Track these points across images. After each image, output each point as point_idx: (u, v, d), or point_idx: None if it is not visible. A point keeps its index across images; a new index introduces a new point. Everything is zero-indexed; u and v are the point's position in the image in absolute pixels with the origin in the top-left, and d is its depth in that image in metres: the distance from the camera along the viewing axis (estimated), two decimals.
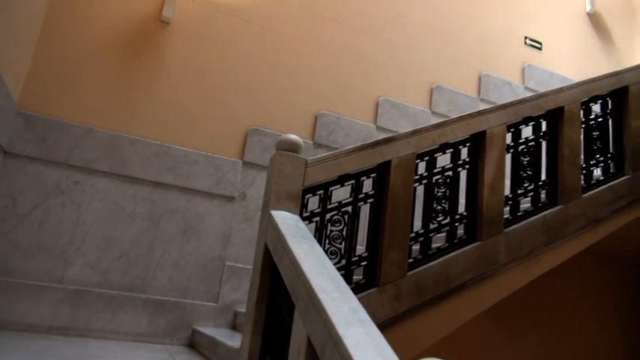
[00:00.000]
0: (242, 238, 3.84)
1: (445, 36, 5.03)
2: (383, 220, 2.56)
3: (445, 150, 2.83)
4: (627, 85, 3.45)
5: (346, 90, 4.46)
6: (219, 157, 3.87)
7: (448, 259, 2.66)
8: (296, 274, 1.66)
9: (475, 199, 2.86)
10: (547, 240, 2.91)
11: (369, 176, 2.62)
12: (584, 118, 3.32)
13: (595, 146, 3.35)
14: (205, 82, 3.97)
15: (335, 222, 2.49)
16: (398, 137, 2.62)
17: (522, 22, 5.53)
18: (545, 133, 3.17)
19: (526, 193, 3.04)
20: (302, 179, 2.35)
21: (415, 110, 4.69)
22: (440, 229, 2.76)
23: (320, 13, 4.51)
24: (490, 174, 2.85)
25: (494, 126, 2.91)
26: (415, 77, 4.78)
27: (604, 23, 6.05)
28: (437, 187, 2.78)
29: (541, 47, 5.55)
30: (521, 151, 3.06)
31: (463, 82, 5.01)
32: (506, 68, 5.30)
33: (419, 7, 4.97)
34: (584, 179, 3.21)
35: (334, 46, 4.50)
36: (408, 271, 2.55)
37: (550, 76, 5.45)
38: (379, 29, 4.73)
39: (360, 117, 4.46)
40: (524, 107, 3.09)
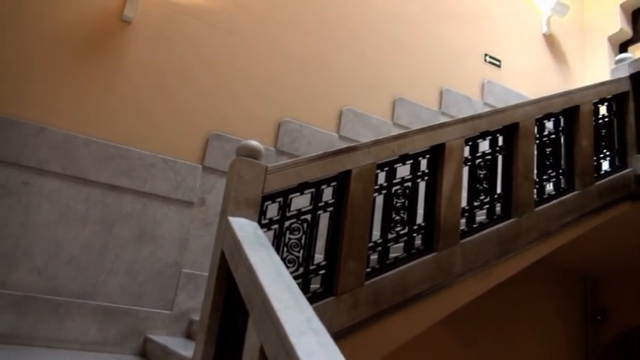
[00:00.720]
0: (200, 244, 3.77)
1: (409, 50, 5.13)
2: (342, 229, 2.56)
3: (405, 161, 2.87)
4: (578, 104, 3.60)
5: (310, 98, 4.47)
6: (179, 162, 3.79)
7: (405, 269, 2.69)
8: (251, 281, 1.64)
9: (433, 210, 2.90)
10: (501, 252, 2.98)
11: (329, 185, 2.62)
12: (538, 134, 3.43)
13: (548, 162, 3.47)
14: (167, 84, 3.90)
15: (294, 230, 2.47)
16: (358, 147, 2.63)
17: (483, 40, 5.70)
18: (501, 147, 3.26)
19: (482, 206, 3.11)
20: (262, 186, 2.33)
21: (378, 121, 4.74)
22: (398, 239, 2.78)
23: (285, 21, 4.51)
24: (448, 186, 2.90)
25: (453, 139, 2.97)
26: (379, 89, 4.84)
27: (558, 45, 6.31)
28: (396, 198, 2.81)
29: (500, 65, 5.73)
30: (478, 165, 3.13)
31: (425, 95, 5.11)
32: (467, 84, 5.44)
33: (384, 20, 5.05)
34: (537, 193, 3.32)
35: (299, 55, 4.51)
36: (366, 280, 2.56)
37: (508, 93, 5.63)
38: (344, 40, 4.77)
39: (323, 126, 4.47)
40: (482, 122, 3.17)
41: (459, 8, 5.60)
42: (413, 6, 5.27)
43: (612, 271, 5.38)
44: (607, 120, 3.81)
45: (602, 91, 3.77)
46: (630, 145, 3.73)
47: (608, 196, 3.50)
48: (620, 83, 3.83)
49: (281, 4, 4.54)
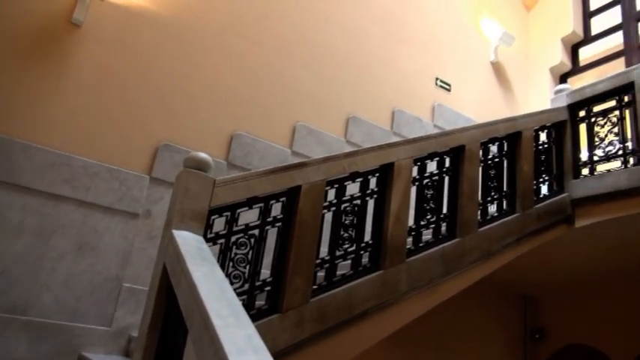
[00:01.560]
0: (144, 258, 3.64)
1: (364, 71, 5.22)
2: (290, 245, 2.55)
3: (355, 179, 2.90)
4: (521, 130, 3.77)
5: (264, 113, 4.45)
6: (125, 171, 3.67)
7: (352, 286, 2.70)
8: (192, 297, 1.59)
9: (381, 228, 2.94)
10: (445, 271, 3.05)
11: (278, 200, 2.60)
12: (483, 157, 3.57)
13: (491, 184, 3.60)
14: (116, 91, 3.78)
15: (241, 245, 2.44)
16: (309, 163, 2.64)
17: (435, 65, 5.89)
18: (448, 168, 3.36)
19: (428, 225, 3.18)
20: (209, 199, 2.29)
21: (331, 138, 4.78)
22: (346, 256, 2.80)
23: (243, 34, 4.50)
24: (396, 204, 2.95)
25: (402, 159, 3.03)
26: (333, 106, 4.89)
27: (504, 73, 6.62)
28: (345, 215, 2.83)
29: (450, 89, 5.94)
30: (425, 185, 3.21)
31: (378, 115, 5.21)
32: (418, 105, 5.59)
33: (343, 41, 5.13)
34: (481, 214, 3.43)
35: (255, 69, 4.50)
36: (312, 297, 2.54)
37: (457, 116, 5.83)
38: (302, 57, 4.81)
39: (276, 140, 4.46)
40: (430, 143, 3.26)
41: (413, 33, 5.77)
42: (370, 28, 5.39)
43: (550, 291, 5.61)
44: (546, 146, 4.00)
45: (543, 119, 3.97)
46: (567, 170, 3.93)
47: (546, 219, 3.66)
48: (558, 112, 4.05)
49: (242, 18, 4.53)
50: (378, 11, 5.54)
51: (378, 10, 5.54)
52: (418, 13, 5.90)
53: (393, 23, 5.64)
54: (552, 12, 6.85)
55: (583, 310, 5.31)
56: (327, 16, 5.11)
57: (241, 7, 4.56)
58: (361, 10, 5.39)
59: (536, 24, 7.08)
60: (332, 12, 5.16)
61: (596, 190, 3.68)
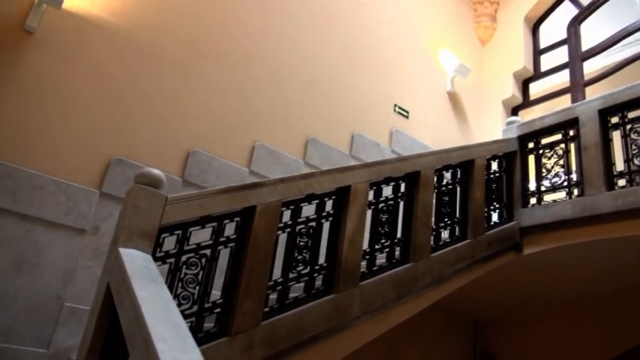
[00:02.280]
0: (89, 276, 3.47)
1: (325, 94, 5.27)
2: (242, 266, 2.50)
3: (311, 200, 2.90)
4: (474, 158, 3.89)
5: (223, 131, 4.40)
6: (73, 185, 3.52)
7: (304, 309, 2.66)
8: (135, 318, 1.52)
9: (335, 251, 2.93)
10: (397, 295, 3.06)
11: (232, 220, 2.56)
12: (437, 183, 3.64)
13: (445, 210, 3.68)
14: (68, 103, 3.65)
15: (191, 265, 2.37)
16: (265, 183, 2.62)
17: (394, 91, 6.03)
18: (403, 193, 3.41)
19: (383, 249, 3.20)
20: (159, 217, 2.22)
21: (289, 159, 4.78)
22: (299, 278, 2.77)
23: (205, 52, 4.47)
24: (351, 228, 2.96)
25: (358, 182, 3.06)
26: (292, 128, 4.90)
27: (460, 102, 6.85)
28: (300, 237, 2.81)
29: (408, 116, 6.08)
30: (381, 209, 3.24)
31: (337, 138, 5.25)
32: (377, 130, 5.69)
33: (305, 63, 5.18)
34: (434, 240, 3.48)
35: (215, 86, 4.45)
36: (263, 320, 2.49)
37: (413, 143, 5.96)
38: (264, 77, 4.81)
39: (234, 159, 4.41)
40: (386, 168, 3.31)
41: (374, 60, 5.90)
42: (333, 53, 5.46)
43: (500, 316, 5.73)
44: (498, 175, 4.14)
45: (494, 149, 4.12)
46: (516, 199, 4.07)
47: (496, 246, 3.76)
48: (509, 143, 4.21)
49: (204, 35, 4.50)
50: (342, 37, 5.64)
51: (341, 37, 5.63)
52: (380, 42, 6.05)
53: (356, 50, 5.75)
54: (505, 48, 7.18)
55: (532, 336, 5.44)
56: (290, 39, 5.15)
57: (204, 25, 4.55)
58: (325, 35, 5.47)
59: (490, 58, 7.39)
60: (296, 35, 5.21)
61: (543, 219, 3.82)
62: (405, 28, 6.43)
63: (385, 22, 6.20)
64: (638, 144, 3.56)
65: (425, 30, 6.70)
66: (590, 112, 3.81)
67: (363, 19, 5.94)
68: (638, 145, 3.56)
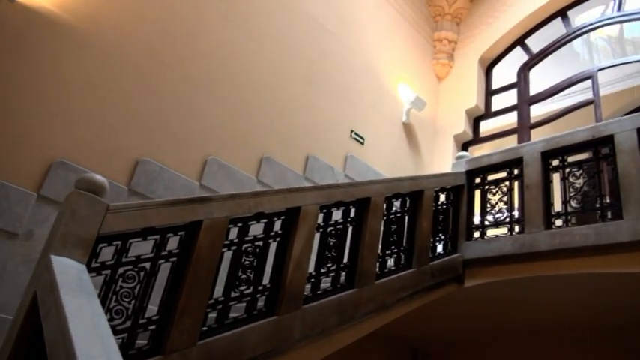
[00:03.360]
0: (17, 283, 3.25)
1: (283, 114, 5.28)
2: (183, 282, 2.43)
3: (260, 219, 2.86)
4: (423, 189, 3.97)
5: (175, 142, 4.30)
6: (9, 186, 3.33)
7: (244, 330, 2.60)
8: (60, 332, 1.43)
9: (281, 272, 2.89)
10: (340, 320, 3.05)
11: (176, 233, 2.49)
12: (386, 211, 3.69)
13: (392, 238, 3.72)
14: (12, 100, 3.48)
15: (128, 278, 2.27)
16: (214, 198, 2.57)
17: (351, 117, 6.12)
18: (352, 219, 3.43)
19: (328, 273, 3.19)
20: (99, 225, 2.13)
21: (242, 176, 4.72)
22: (241, 298, 2.71)
23: (163, 60, 4.39)
24: (298, 250, 2.94)
25: (309, 204, 3.05)
26: (248, 144, 4.86)
27: (414, 134, 7.04)
28: (245, 255, 2.76)
29: (363, 142, 6.18)
30: (329, 232, 3.24)
31: (292, 158, 5.25)
32: (332, 154, 5.74)
33: (265, 82, 5.18)
34: (380, 267, 3.51)
35: (171, 96, 4.37)
36: (201, 339, 2.41)
37: (367, 169, 6.05)
38: (221, 91, 4.76)
39: (185, 172, 4.31)
40: (338, 192, 3.33)
41: (334, 85, 5.99)
42: (294, 75, 5.50)
43: (441, 347, 5.80)
44: (445, 207, 4.25)
45: (444, 182, 4.23)
46: (461, 232, 4.18)
47: (439, 277, 3.83)
48: (458, 177, 4.34)
49: (165, 43, 4.42)
50: (305, 61, 5.69)
51: (305, 60, 5.69)
52: (341, 69, 6.15)
53: (318, 74, 5.82)
54: (460, 85, 7.48)
55: None
56: (254, 57, 5.15)
57: (166, 33, 4.47)
58: (289, 57, 5.51)
59: (445, 94, 7.67)
60: (260, 54, 5.22)
61: (485, 253, 3.94)
62: (366, 58, 6.58)
63: (348, 50, 6.33)
64: (575, 187, 3.76)
65: (386, 61, 6.89)
66: (533, 154, 4.00)
67: (327, 46, 6.03)
68: (575, 188, 3.76)
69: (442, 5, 7.89)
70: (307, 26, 5.84)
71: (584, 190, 3.79)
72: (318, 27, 5.97)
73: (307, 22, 5.84)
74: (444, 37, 7.82)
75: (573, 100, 6.67)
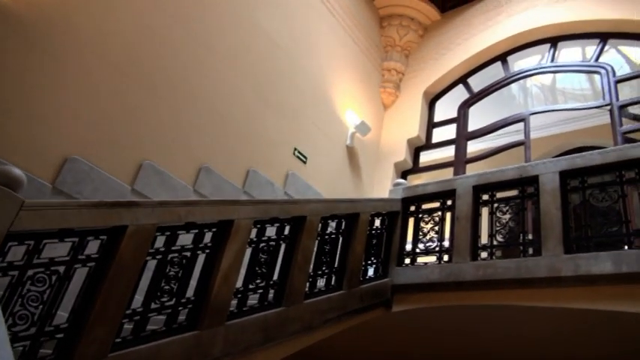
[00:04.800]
0: None
1: (227, 124, 5.20)
2: (100, 289, 2.29)
3: (190, 229, 2.77)
4: (360, 212, 4.01)
5: (109, 142, 4.11)
6: None
7: (162, 344, 2.49)
8: None
9: (207, 285, 2.80)
10: (264, 339, 2.98)
11: (97, 237, 2.35)
12: (321, 231, 3.68)
13: (325, 259, 3.71)
14: None
15: (38, 281, 2.12)
16: (142, 204, 2.47)
17: (296, 135, 6.14)
18: (286, 236, 3.39)
19: (257, 290, 3.12)
20: (10, 222, 1.98)
21: (178, 184, 4.58)
22: (162, 310, 2.59)
23: (104, 55, 4.21)
24: (227, 264, 2.86)
25: (243, 218, 2.99)
26: (187, 152, 4.73)
27: (357, 158, 7.16)
28: (171, 266, 2.65)
29: (306, 161, 6.20)
30: (261, 248, 3.19)
31: (232, 171, 5.17)
32: (274, 170, 5.70)
33: (212, 90, 5.08)
34: (309, 286, 3.48)
35: (109, 93, 4.18)
36: (113, 351, 2.28)
37: (307, 188, 6.06)
38: (165, 94, 4.63)
39: (117, 174, 4.12)
40: (274, 208, 3.29)
41: (282, 102, 5.99)
42: (242, 88, 5.44)
43: None
44: (379, 232, 4.31)
45: (380, 207, 4.30)
46: (393, 257, 4.24)
47: (367, 300, 3.85)
48: (394, 203, 4.43)
49: (107, 36, 4.24)
50: (256, 76, 5.67)
51: (255, 75, 5.66)
52: (290, 85, 6.18)
53: (267, 90, 5.81)
54: (404, 115, 7.72)
55: None
56: (204, 65, 5.06)
57: (108, 30, 4.29)
58: (239, 70, 5.46)
59: (389, 122, 7.88)
60: (210, 63, 5.14)
61: (413, 279, 4.01)
62: (316, 78, 6.66)
63: (298, 68, 6.38)
64: (502, 222, 3.93)
65: (334, 83, 7.00)
66: (466, 187, 4.16)
67: (278, 61, 6.05)
68: (501, 223, 3.93)
69: (393, 37, 8.17)
70: (259, 40, 5.84)
71: (509, 226, 3.97)
72: (271, 42, 5.99)
73: (260, 35, 5.84)
74: (392, 67, 8.07)
75: (507, 140, 7.05)
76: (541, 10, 7.13)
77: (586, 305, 3.33)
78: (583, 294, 3.38)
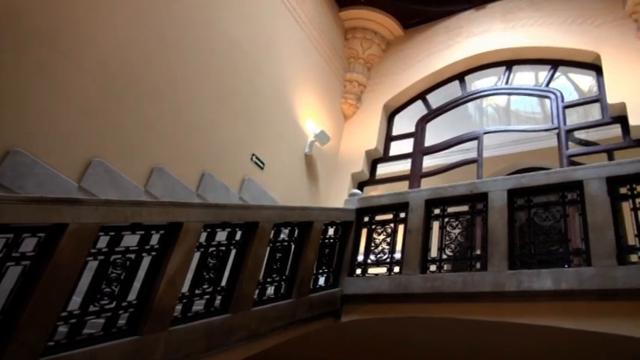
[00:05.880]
0: None
1: (183, 124, 5.08)
2: (34, 289, 2.17)
3: (136, 230, 2.68)
4: (313, 221, 4.01)
5: (56, 135, 3.92)
6: None
7: (99, 349, 2.38)
8: None
9: (151, 289, 2.71)
10: (208, 346, 2.91)
11: (35, 235, 2.24)
12: (273, 238, 3.65)
13: (275, 266, 3.68)
14: None
15: None
16: (86, 201, 2.37)
17: (254, 140, 6.08)
18: (237, 242, 3.34)
19: (203, 295, 3.05)
20: None
21: (129, 184, 4.42)
22: (101, 313, 2.49)
23: (58, 46, 4.04)
24: (174, 267, 2.78)
25: (192, 221, 2.92)
26: (140, 151, 4.59)
27: (315, 166, 7.17)
28: (113, 267, 2.55)
29: (263, 167, 6.14)
30: (210, 253, 3.12)
31: (186, 173, 5.05)
32: (229, 174, 5.62)
33: (170, 87, 4.95)
34: (259, 294, 3.44)
35: (61, 85, 3.99)
36: (44, 356, 2.16)
37: (263, 194, 6.00)
38: (121, 88, 4.47)
39: (64, 170, 3.93)
40: (226, 212, 3.24)
41: (242, 105, 5.92)
42: (204, 89, 5.34)
43: None
44: (332, 241, 4.31)
45: (334, 216, 4.31)
46: (345, 267, 4.26)
47: (317, 309, 3.84)
48: (348, 213, 4.45)
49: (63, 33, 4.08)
50: (216, 76, 5.58)
51: (216, 75, 5.57)
52: (251, 90, 6.12)
53: (227, 91, 5.73)
54: (363, 127, 7.81)
55: None
56: (160, 61, 4.92)
57: (66, 21, 4.12)
58: (199, 69, 5.36)
59: (349, 133, 7.95)
60: (170, 59, 5.00)
61: (363, 289, 4.04)
62: (277, 84, 6.64)
63: (261, 73, 6.34)
64: (451, 236, 4.02)
65: (296, 91, 7.00)
66: (419, 200, 4.23)
67: (240, 64, 5.99)
68: (450, 238, 4.02)
69: (357, 49, 8.27)
70: (223, 42, 5.77)
71: (459, 240, 4.07)
72: (235, 46, 5.93)
73: (223, 38, 5.77)
74: (354, 78, 8.17)
75: (461, 157, 7.25)
76: (498, 34, 7.41)
77: (527, 320, 3.44)
78: (525, 309, 3.49)
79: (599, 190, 3.50)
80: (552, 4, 7.13)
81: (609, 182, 3.51)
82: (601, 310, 3.22)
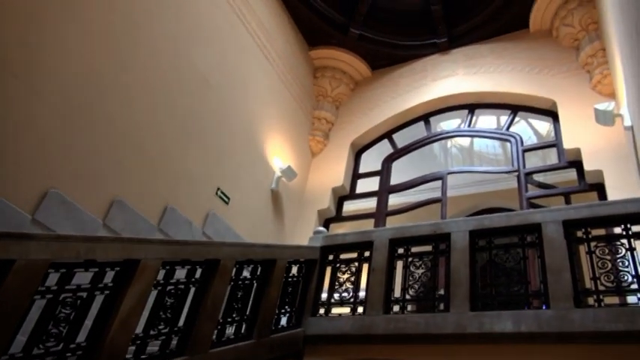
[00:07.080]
0: None
1: (146, 157, 4.97)
2: None
3: (89, 268, 2.57)
4: (277, 259, 3.94)
5: (10, 166, 3.77)
6: None
7: None
8: None
9: (103, 329, 2.58)
10: None
11: None
12: (235, 276, 3.56)
13: (236, 305, 3.57)
14: None
15: None
16: (36, 237, 2.26)
17: (220, 174, 6.01)
18: (197, 280, 3.24)
19: (159, 336, 2.92)
20: None
21: (87, 217, 4.26)
22: (46, 356, 2.34)
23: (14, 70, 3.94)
24: (128, 306, 2.67)
25: (150, 258, 2.83)
26: (99, 183, 4.44)
27: (281, 202, 7.13)
28: (62, 307, 2.43)
29: (228, 202, 6.06)
30: (168, 292, 3.01)
31: (148, 206, 4.92)
32: (193, 209, 5.51)
33: (133, 118, 4.87)
34: (217, 334, 3.32)
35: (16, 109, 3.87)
36: None
37: (227, 230, 5.90)
38: (80, 117, 4.35)
39: (16, 202, 3.76)
40: (186, 249, 3.15)
41: (208, 139, 5.87)
42: (169, 121, 5.27)
43: None
44: (295, 280, 4.24)
45: (297, 254, 4.26)
46: (308, 306, 4.18)
47: (278, 351, 3.73)
48: (312, 251, 4.40)
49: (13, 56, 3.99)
50: (183, 109, 5.54)
51: (183, 108, 5.53)
52: (217, 124, 6.10)
53: (193, 125, 5.68)
54: (331, 164, 7.86)
55: None
56: (123, 91, 4.84)
57: (23, 43, 4.04)
58: (162, 100, 5.30)
59: (316, 169, 7.98)
60: (130, 87, 4.93)
61: (326, 330, 3.96)
62: (245, 119, 6.65)
63: (228, 108, 6.34)
64: (415, 276, 4.02)
65: (264, 127, 7.02)
66: (383, 239, 4.23)
67: (207, 99, 5.98)
68: (414, 277, 4.02)
69: (325, 87, 8.42)
70: (191, 76, 5.76)
71: (422, 280, 4.07)
72: (202, 80, 5.93)
73: (191, 71, 5.77)
74: (323, 116, 8.28)
75: (426, 196, 7.36)
76: (461, 79, 7.69)
77: None
78: (487, 351, 3.49)
79: (556, 233, 3.59)
80: (512, 52, 7.48)
81: (566, 226, 3.61)
82: (560, 353, 3.25)
